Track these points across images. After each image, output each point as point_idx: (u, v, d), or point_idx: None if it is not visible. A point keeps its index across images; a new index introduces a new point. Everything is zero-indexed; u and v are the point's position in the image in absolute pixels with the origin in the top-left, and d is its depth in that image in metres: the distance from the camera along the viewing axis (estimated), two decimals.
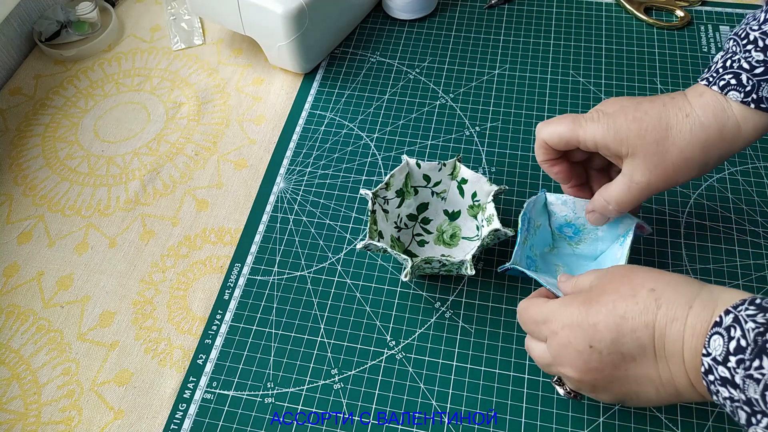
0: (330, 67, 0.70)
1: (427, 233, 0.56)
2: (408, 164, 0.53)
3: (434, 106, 0.66)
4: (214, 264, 0.56)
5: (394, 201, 0.54)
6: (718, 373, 0.31)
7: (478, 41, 0.71)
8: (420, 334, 0.51)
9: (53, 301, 0.55)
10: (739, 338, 0.31)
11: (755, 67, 0.39)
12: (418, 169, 0.54)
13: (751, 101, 0.39)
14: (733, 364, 0.31)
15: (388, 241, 0.52)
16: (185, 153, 0.64)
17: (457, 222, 0.56)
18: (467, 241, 0.55)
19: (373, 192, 0.51)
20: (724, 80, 0.40)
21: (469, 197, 0.54)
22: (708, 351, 0.32)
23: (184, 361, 0.51)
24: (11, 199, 0.62)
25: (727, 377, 0.31)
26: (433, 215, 0.56)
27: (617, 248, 0.49)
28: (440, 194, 0.55)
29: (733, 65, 0.40)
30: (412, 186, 0.54)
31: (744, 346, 0.30)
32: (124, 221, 0.59)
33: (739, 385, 0.30)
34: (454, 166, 0.54)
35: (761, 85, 0.39)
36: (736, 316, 0.32)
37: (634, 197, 0.43)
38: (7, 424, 0.49)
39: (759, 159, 0.59)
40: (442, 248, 0.55)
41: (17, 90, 0.70)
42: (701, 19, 0.71)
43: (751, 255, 0.53)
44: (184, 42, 0.74)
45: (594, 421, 0.46)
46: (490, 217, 0.51)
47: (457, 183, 0.54)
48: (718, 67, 0.41)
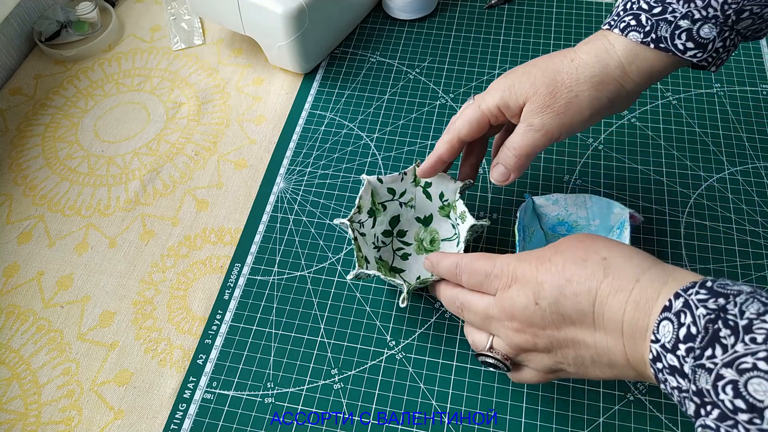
0: (330, 67, 0.70)
1: (407, 245, 0.55)
2: (370, 183, 0.52)
3: (434, 106, 0.66)
4: (214, 264, 0.56)
5: (368, 222, 0.53)
6: (666, 362, 0.30)
7: (478, 41, 0.71)
8: (420, 334, 0.51)
9: (53, 301, 0.55)
10: (689, 325, 0.29)
11: (653, 7, 0.41)
12: (380, 185, 0.53)
13: (651, 41, 0.41)
14: (683, 353, 0.29)
15: (374, 264, 0.51)
16: (185, 153, 0.64)
17: (432, 226, 0.55)
18: (447, 242, 0.54)
19: (348, 219, 0.50)
20: (624, 22, 0.42)
21: (437, 199, 0.54)
22: (657, 337, 0.31)
23: (184, 361, 0.51)
24: (11, 199, 0.62)
25: (676, 366, 0.30)
26: (407, 226, 0.56)
27: None
28: (408, 204, 0.55)
29: (633, 6, 0.42)
30: (379, 203, 0.54)
31: (694, 333, 0.29)
32: (124, 221, 0.59)
33: (688, 374, 0.29)
34: (415, 172, 0.53)
35: (659, 25, 0.40)
36: (687, 300, 0.30)
37: (531, 142, 0.44)
38: (7, 424, 0.49)
39: (759, 159, 0.59)
40: (425, 255, 0.54)
41: (17, 90, 0.70)
42: None
43: (751, 255, 0.53)
44: (184, 42, 0.74)
45: (594, 421, 0.46)
46: (463, 215, 0.50)
47: (421, 188, 0.54)
48: (619, 10, 0.43)
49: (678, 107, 0.63)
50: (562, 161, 0.60)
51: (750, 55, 0.67)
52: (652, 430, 0.45)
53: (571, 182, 0.59)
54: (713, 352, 0.28)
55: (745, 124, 0.62)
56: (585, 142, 0.61)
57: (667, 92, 0.65)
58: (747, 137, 0.61)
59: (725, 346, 0.28)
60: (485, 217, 0.57)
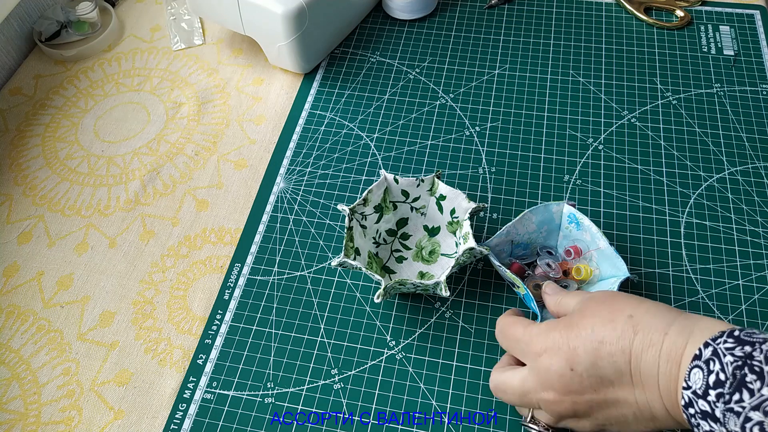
0: (330, 67, 0.70)
1: (406, 249, 0.55)
2: (386, 179, 0.52)
3: (434, 106, 0.66)
4: (214, 264, 0.56)
5: (373, 217, 0.53)
6: (698, 407, 0.32)
7: (478, 41, 0.71)
8: (420, 334, 0.51)
9: (53, 301, 0.55)
10: (718, 372, 0.31)
11: None
12: (396, 185, 0.53)
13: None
14: (713, 398, 0.31)
15: (365, 258, 0.51)
16: (185, 153, 0.64)
17: (436, 238, 0.55)
18: (446, 258, 0.54)
19: (350, 208, 0.50)
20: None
21: (448, 213, 0.54)
22: (688, 384, 0.33)
23: (184, 361, 0.51)
24: (11, 199, 0.62)
25: (708, 411, 0.31)
26: (412, 231, 0.55)
27: None
28: (419, 209, 0.55)
29: None
30: (391, 201, 0.54)
31: (723, 379, 0.31)
32: (124, 221, 0.59)
33: (719, 418, 0.31)
34: (433, 182, 0.53)
35: None
36: (715, 349, 0.32)
37: None
38: (7, 424, 0.49)
39: (759, 159, 0.59)
40: (421, 264, 0.54)
41: (17, 90, 0.70)
42: (701, 19, 0.71)
43: (751, 255, 0.53)
44: (184, 42, 0.74)
45: None
46: (466, 236, 0.50)
47: (435, 199, 0.54)
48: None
49: (678, 107, 0.63)
50: (562, 161, 0.60)
51: (750, 55, 0.67)
52: None
53: (571, 182, 0.59)
54: (741, 396, 0.30)
55: (745, 124, 0.62)
56: (585, 142, 0.61)
57: (667, 92, 0.65)
58: (747, 137, 0.61)
59: (752, 390, 0.30)
60: (490, 242, 0.57)
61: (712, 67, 0.66)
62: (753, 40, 0.68)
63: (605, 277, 0.50)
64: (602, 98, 0.64)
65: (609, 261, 0.49)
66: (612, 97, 0.64)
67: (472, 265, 0.54)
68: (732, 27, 0.69)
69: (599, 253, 0.49)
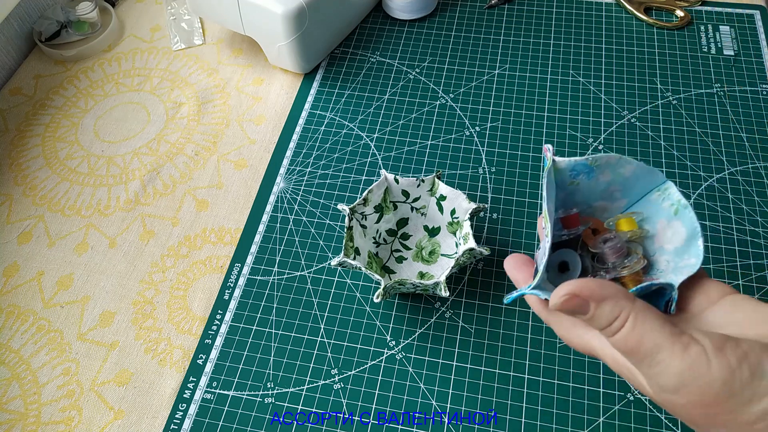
0: (330, 67, 0.70)
1: (406, 249, 0.55)
2: (387, 179, 0.52)
3: (434, 106, 0.66)
4: (214, 264, 0.56)
5: (373, 216, 0.53)
6: None
7: (478, 41, 0.71)
8: (420, 334, 0.51)
9: (53, 301, 0.55)
10: None
11: None
12: (396, 185, 0.53)
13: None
14: None
15: (365, 257, 0.51)
16: (185, 153, 0.64)
17: (436, 238, 0.55)
18: (446, 258, 0.54)
19: (350, 207, 0.51)
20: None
21: (448, 214, 0.54)
22: None
23: (184, 361, 0.51)
24: (11, 199, 0.62)
25: None
26: (413, 231, 0.56)
27: None
28: (420, 210, 0.55)
29: None
30: (391, 201, 0.54)
31: None
32: (124, 221, 0.59)
33: None
34: (433, 182, 0.53)
35: None
36: None
37: None
38: (7, 424, 0.49)
39: (759, 159, 0.59)
40: (420, 264, 0.54)
41: (17, 90, 0.70)
42: (701, 19, 0.71)
43: (751, 255, 0.53)
44: (184, 42, 0.74)
45: (594, 421, 0.46)
46: (466, 236, 0.50)
47: (436, 199, 0.54)
48: None
49: (678, 107, 0.63)
50: None
51: (750, 55, 0.67)
52: (652, 430, 0.45)
53: None
54: None
55: (745, 124, 0.62)
56: (585, 142, 0.61)
57: (667, 92, 0.65)
58: (747, 137, 0.61)
59: None
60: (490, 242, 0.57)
61: (712, 67, 0.66)
62: (753, 40, 0.68)
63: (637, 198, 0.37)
64: (602, 98, 0.64)
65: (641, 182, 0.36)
66: (612, 97, 0.65)
67: (472, 266, 0.54)
68: (732, 27, 0.69)
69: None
